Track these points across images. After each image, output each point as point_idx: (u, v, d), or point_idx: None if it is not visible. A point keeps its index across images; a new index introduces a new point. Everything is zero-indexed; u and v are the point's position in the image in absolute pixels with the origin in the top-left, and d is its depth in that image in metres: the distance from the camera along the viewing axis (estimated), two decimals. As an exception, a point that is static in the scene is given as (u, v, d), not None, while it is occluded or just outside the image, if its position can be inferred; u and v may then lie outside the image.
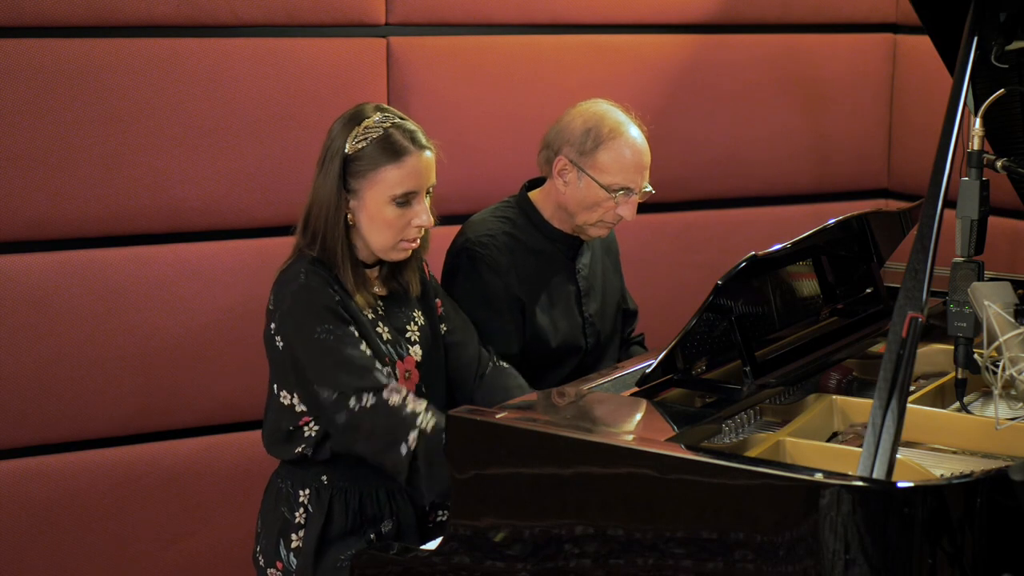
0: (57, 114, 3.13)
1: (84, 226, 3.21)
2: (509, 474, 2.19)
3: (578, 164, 2.89)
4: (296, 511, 2.58)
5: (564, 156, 2.91)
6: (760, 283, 2.55)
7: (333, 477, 2.58)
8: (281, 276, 2.55)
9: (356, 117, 2.54)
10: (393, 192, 2.50)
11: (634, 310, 3.26)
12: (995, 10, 2.45)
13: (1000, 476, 1.91)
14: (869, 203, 4.15)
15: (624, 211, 2.91)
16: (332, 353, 2.44)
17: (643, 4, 3.78)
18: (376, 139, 2.50)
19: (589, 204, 2.91)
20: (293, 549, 2.57)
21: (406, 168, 2.51)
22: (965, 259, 2.38)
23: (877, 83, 4.17)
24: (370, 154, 2.50)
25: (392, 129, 2.52)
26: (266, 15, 3.32)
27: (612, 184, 2.88)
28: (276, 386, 2.57)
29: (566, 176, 2.92)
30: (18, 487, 3.22)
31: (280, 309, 2.50)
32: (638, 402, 2.38)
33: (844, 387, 2.56)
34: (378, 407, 2.42)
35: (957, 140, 2.22)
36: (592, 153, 2.88)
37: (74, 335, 3.21)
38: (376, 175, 2.50)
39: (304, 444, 2.56)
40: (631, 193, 2.90)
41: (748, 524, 1.93)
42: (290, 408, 2.54)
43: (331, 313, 2.46)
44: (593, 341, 3.06)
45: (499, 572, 2.18)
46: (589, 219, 2.93)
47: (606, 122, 2.90)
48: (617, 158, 2.88)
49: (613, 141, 2.88)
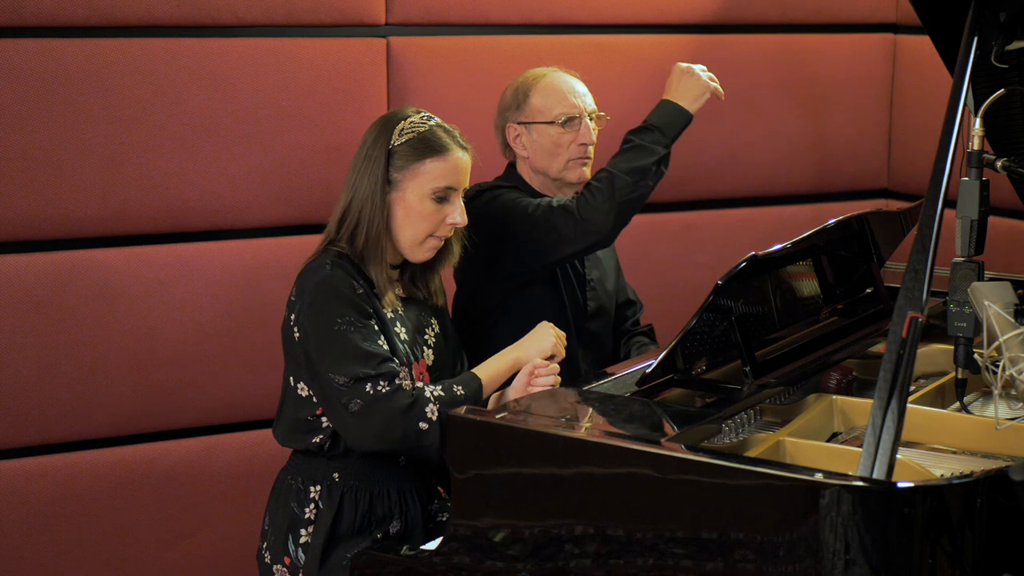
0: (57, 114, 3.13)
1: (84, 226, 3.21)
2: (509, 474, 2.19)
3: (521, 121, 2.99)
4: (307, 507, 2.59)
5: (510, 123, 3.01)
6: (760, 283, 2.55)
7: (345, 474, 2.59)
8: (306, 267, 2.57)
9: (396, 115, 2.63)
10: (435, 184, 2.57)
11: (634, 300, 3.26)
12: (995, 10, 2.45)
13: (1000, 476, 1.91)
14: (869, 203, 4.15)
15: (584, 137, 2.97)
16: (350, 343, 2.47)
17: (643, 4, 3.78)
18: (422, 133, 2.58)
19: (550, 149, 2.97)
20: (302, 544, 2.58)
21: (449, 163, 2.58)
22: (965, 259, 2.38)
23: (877, 83, 4.17)
24: (415, 147, 2.57)
25: (436, 127, 2.61)
26: (266, 15, 3.32)
27: (556, 117, 2.95)
28: (292, 378, 2.59)
29: (520, 140, 3.00)
30: (18, 487, 3.22)
31: (301, 299, 2.53)
32: (638, 402, 2.38)
33: (844, 387, 2.56)
34: (392, 394, 2.45)
35: (957, 140, 2.22)
36: (525, 104, 2.99)
37: (74, 335, 3.21)
38: (420, 167, 2.57)
39: (322, 435, 2.58)
40: (578, 119, 2.97)
41: (748, 524, 1.93)
42: (308, 399, 2.57)
43: (353, 305, 2.50)
44: (595, 306, 3.07)
45: (499, 572, 2.18)
46: (558, 164, 2.98)
47: (530, 76, 3.03)
48: (547, 93, 2.98)
49: (537, 83, 3.00)
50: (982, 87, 2.57)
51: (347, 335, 2.47)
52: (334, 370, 2.46)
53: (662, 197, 3.93)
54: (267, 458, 3.37)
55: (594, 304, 3.07)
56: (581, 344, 3.04)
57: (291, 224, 3.43)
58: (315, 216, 3.41)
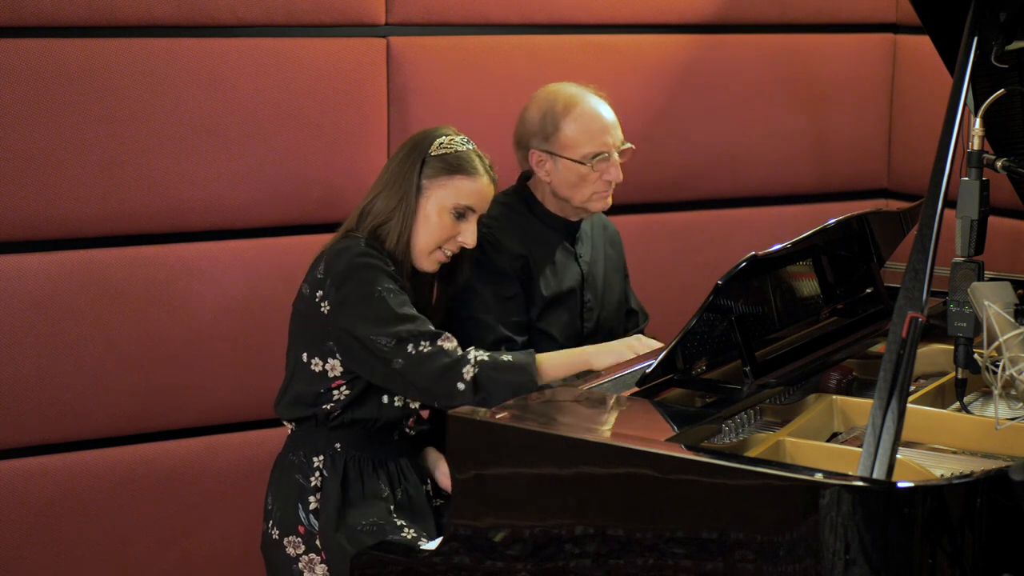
0: (57, 114, 3.13)
1: (84, 226, 3.21)
2: (509, 474, 2.19)
3: (548, 151, 2.95)
4: (311, 476, 2.67)
5: (534, 149, 2.97)
6: (760, 283, 2.55)
7: (346, 444, 2.69)
8: (334, 247, 2.67)
9: (437, 131, 2.76)
10: (459, 200, 2.70)
11: (636, 310, 3.26)
12: (995, 10, 2.45)
13: (1000, 476, 1.91)
14: (869, 203, 4.15)
15: (610, 175, 2.95)
16: (391, 307, 2.58)
17: (643, 4, 3.78)
18: (460, 152, 2.72)
19: (575, 182, 2.95)
20: (312, 511, 2.65)
21: (477, 185, 2.72)
22: (965, 259, 2.38)
23: (877, 83, 4.17)
24: (451, 161, 2.70)
25: (472, 151, 2.75)
26: (266, 15, 3.32)
27: (585, 155, 2.92)
28: (305, 355, 2.67)
29: (544, 167, 2.98)
30: (18, 487, 3.22)
31: (332, 275, 2.62)
32: (638, 402, 2.38)
33: (844, 387, 2.56)
34: (435, 353, 2.56)
35: (957, 140, 2.22)
36: (555, 135, 2.94)
37: (74, 335, 3.21)
38: (450, 180, 2.70)
39: (330, 404, 2.67)
40: (608, 156, 2.94)
41: (748, 524, 1.93)
42: (322, 374, 2.66)
43: (389, 276, 2.62)
44: (591, 327, 3.07)
45: (499, 572, 2.18)
46: (582, 196, 2.96)
47: (559, 100, 2.96)
48: (579, 129, 2.93)
49: (569, 114, 2.94)
50: (982, 87, 2.57)
51: (387, 299, 2.58)
52: (376, 332, 2.57)
53: (662, 197, 3.94)
54: (267, 458, 3.35)
55: (591, 325, 3.08)
56: None
57: (291, 224, 3.43)
58: (315, 216, 3.42)
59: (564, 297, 3.02)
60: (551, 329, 3.00)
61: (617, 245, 3.22)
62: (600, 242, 3.15)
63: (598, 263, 3.12)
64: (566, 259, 3.05)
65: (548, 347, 2.98)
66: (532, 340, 2.99)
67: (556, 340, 3.00)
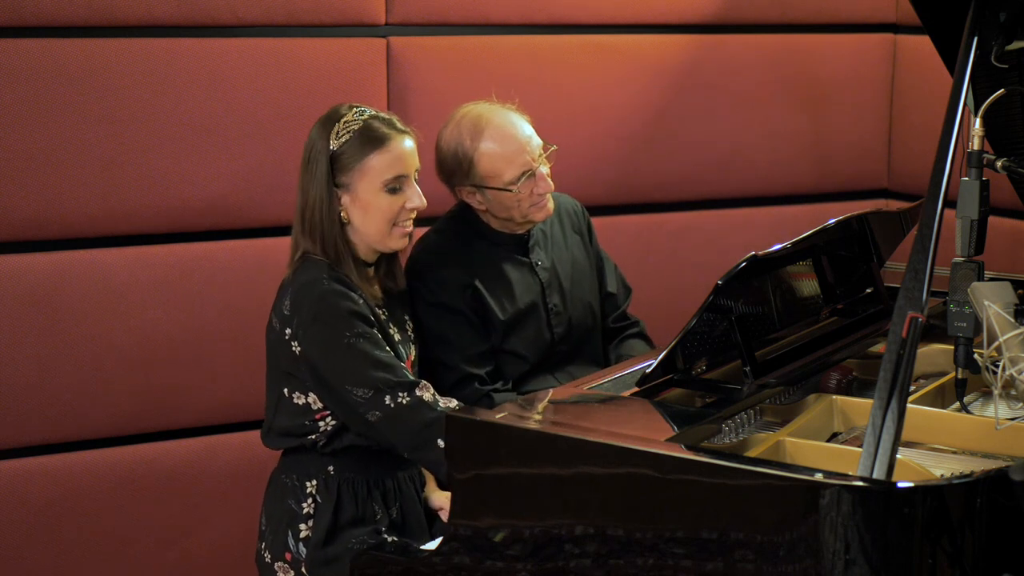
0: (57, 114, 3.13)
1: (84, 226, 3.21)
2: (509, 474, 2.19)
3: (472, 185, 2.87)
4: (304, 502, 2.61)
5: (458, 186, 2.90)
6: (760, 283, 2.55)
7: (340, 467, 2.62)
8: (298, 279, 2.57)
9: (332, 117, 2.62)
10: (384, 177, 2.58)
11: (614, 292, 3.15)
12: (995, 10, 2.45)
13: (1000, 476, 1.91)
14: (869, 203, 4.15)
15: (540, 188, 2.86)
16: (364, 354, 2.49)
17: (643, 4, 3.78)
18: (357, 131, 2.59)
19: (510, 205, 2.87)
20: (302, 539, 2.60)
21: (392, 153, 2.59)
22: (965, 259, 2.38)
23: (877, 83, 4.17)
24: (354, 146, 2.58)
25: (370, 120, 2.60)
26: (266, 15, 3.32)
27: (509, 181, 2.84)
28: (287, 390, 2.60)
29: (475, 198, 2.90)
30: (18, 487, 3.22)
31: (299, 315, 2.52)
32: (638, 402, 2.37)
33: (844, 387, 2.56)
34: (413, 405, 2.48)
35: (957, 140, 2.22)
36: (472, 169, 2.85)
37: (74, 335, 3.21)
38: (364, 164, 2.58)
39: (316, 434, 2.60)
40: (532, 172, 2.85)
41: (748, 524, 1.93)
42: (305, 407, 2.59)
43: (358, 317, 2.52)
44: (562, 331, 3.00)
45: (499, 572, 2.18)
46: (522, 212, 2.88)
47: (463, 132, 2.86)
48: (494, 157, 2.83)
49: (480, 147, 2.84)
50: (982, 87, 2.57)
51: (357, 347, 2.49)
52: (350, 383, 2.48)
53: (662, 197, 3.94)
54: (267, 458, 3.35)
55: (561, 329, 3.00)
56: (558, 371, 3.00)
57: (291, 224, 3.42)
58: (315, 216, 3.41)
59: (524, 314, 2.94)
60: (518, 348, 2.93)
61: (579, 224, 3.11)
62: (559, 236, 3.06)
63: (562, 261, 3.03)
64: (521, 273, 2.96)
65: (518, 367, 2.93)
66: (499, 364, 2.92)
67: (525, 358, 2.94)
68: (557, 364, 3.01)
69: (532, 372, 2.97)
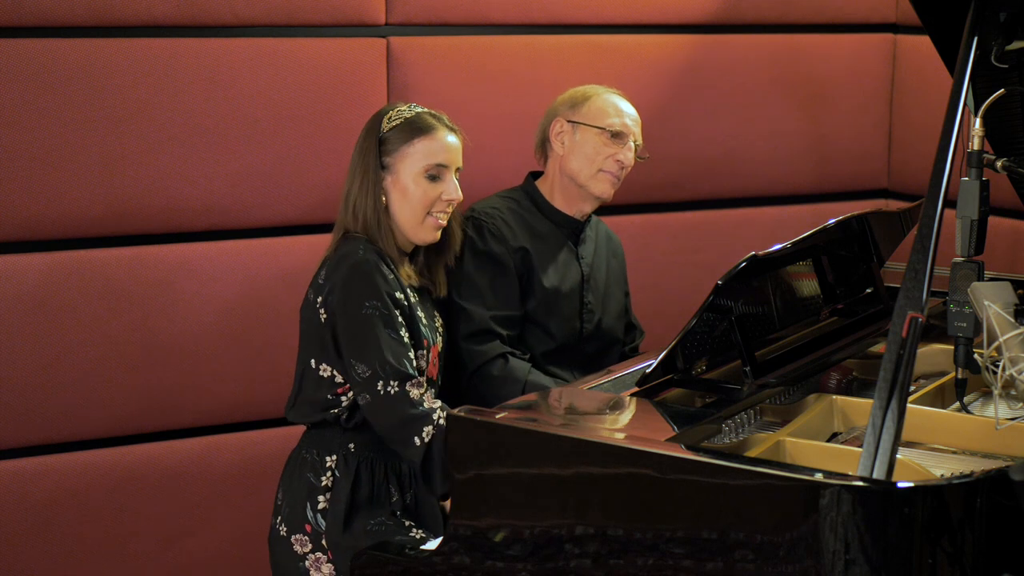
0: (57, 114, 3.13)
1: (84, 226, 3.21)
2: (509, 474, 2.19)
3: (572, 119, 3.04)
4: (323, 475, 2.67)
5: (560, 117, 3.05)
6: (760, 283, 2.55)
7: (360, 446, 2.68)
8: (339, 252, 2.67)
9: (385, 108, 2.77)
10: (426, 162, 2.69)
11: (636, 325, 3.27)
12: (995, 10, 2.45)
13: (1000, 476, 1.91)
14: (869, 203, 4.15)
15: (623, 156, 3.01)
16: (373, 329, 2.58)
17: (643, 4, 3.78)
18: (408, 118, 2.72)
19: (588, 153, 3.01)
20: (320, 510, 2.66)
21: (437, 141, 2.71)
22: (965, 259, 2.38)
23: (877, 83, 4.17)
24: (403, 129, 2.70)
25: (423, 112, 2.74)
26: (266, 15, 3.32)
27: (608, 126, 3.00)
28: (313, 361, 2.67)
29: (563, 137, 3.05)
30: (18, 487, 3.22)
31: (332, 280, 2.63)
32: (638, 402, 2.38)
33: (844, 387, 2.56)
34: (399, 397, 2.55)
35: (957, 140, 2.22)
36: (582, 105, 3.04)
37: (74, 335, 3.21)
38: (409, 148, 2.69)
39: (339, 408, 2.67)
40: (626, 138, 3.02)
41: (748, 524, 1.93)
42: (330, 379, 2.66)
43: (383, 290, 2.61)
44: (591, 328, 3.07)
45: (499, 572, 2.18)
46: (590, 170, 3.01)
47: (591, 88, 3.10)
48: (605, 105, 3.04)
49: (599, 96, 3.06)
50: (982, 87, 2.57)
51: (372, 320, 2.57)
52: (355, 357, 2.58)
53: (662, 197, 3.94)
54: (267, 458, 3.37)
55: (591, 327, 3.08)
56: (578, 368, 3.04)
57: (291, 224, 3.43)
58: (315, 216, 3.41)
59: (563, 296, 3.02)
60: (550, 324, 3.00)
61: (620, 257, 3.23)
62: (604, 249, 3.17)
63: (600, 268, 3.13)
64: (568, 259, 3.06)
65: (543, 344, 2.99)
66: (526, 334, 2.99)
67: (553, 337, 3.00)
68: (579, 361, 3.06)
69: (554, 355, 3.02)
